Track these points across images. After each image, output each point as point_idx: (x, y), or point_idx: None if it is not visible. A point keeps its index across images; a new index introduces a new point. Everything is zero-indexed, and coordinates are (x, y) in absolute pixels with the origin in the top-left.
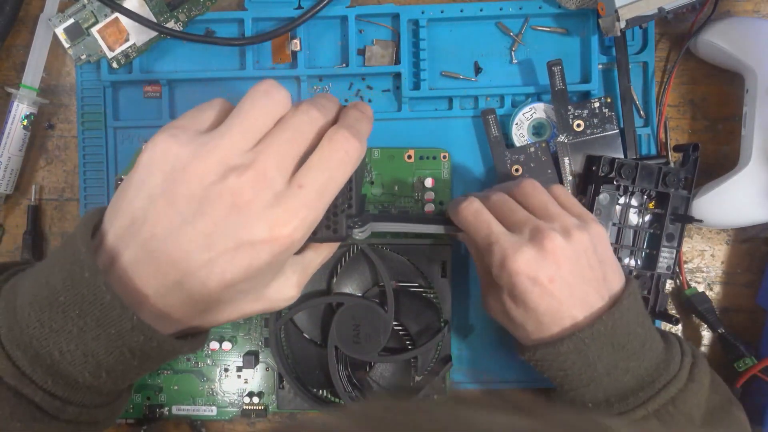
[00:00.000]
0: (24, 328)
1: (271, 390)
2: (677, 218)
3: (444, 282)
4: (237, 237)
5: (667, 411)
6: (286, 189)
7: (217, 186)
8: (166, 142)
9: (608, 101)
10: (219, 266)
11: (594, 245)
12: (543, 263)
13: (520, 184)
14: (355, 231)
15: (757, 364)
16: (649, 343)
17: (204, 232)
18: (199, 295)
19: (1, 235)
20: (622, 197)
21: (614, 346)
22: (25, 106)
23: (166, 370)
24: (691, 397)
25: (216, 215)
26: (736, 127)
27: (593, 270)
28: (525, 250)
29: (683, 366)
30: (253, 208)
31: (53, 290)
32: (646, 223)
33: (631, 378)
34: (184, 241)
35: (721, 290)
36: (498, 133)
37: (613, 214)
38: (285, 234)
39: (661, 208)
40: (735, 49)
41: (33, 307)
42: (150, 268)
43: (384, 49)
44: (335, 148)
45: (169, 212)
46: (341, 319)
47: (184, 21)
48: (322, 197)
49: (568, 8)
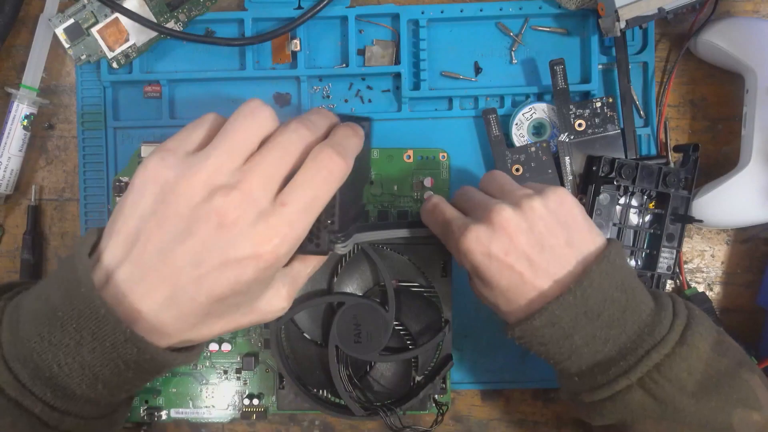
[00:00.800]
0: (25, 342)
1: (271, 391)
2: (677, 218)
3: (445, 281)
4: (223, 255)
5: (652, 379)
6: (271, 207)
7: (203, 206)
8: (155, 165)
9: (610, 101)
10: (208, 282)
11: (551, 210)
12: (494, 237)
13: (484, 175)
14: (338, 246)
15: (757, 364)
16: (633, 308)
17: (192, 250)
18: (190, 309)
19: (1, 235)
20: (623, 197)
21: (588, 315)
22: (25, 106)
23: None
24: (679, 363)
25: (203, 234)
26: (736, 127)
27: (554, 236)
28: (474, 227)
29: (672, 329)
30: (237, 227)
31: (52, 306)
32: (646, 224)
33: (613, 346)
34: (174, 259)
35: (721, 290)
36: (499, 133)
37: (613, 215)
38: (268, 251)
39: (662, 208)
40: (735, 49)
41: (34, 322)
42: (142, 285)
43: (384, 49)
44: (319, 167)
45: (160, 232)
46: (342, 318)
47: (184, 21)
48: (305, 215)
49: (568, 8)
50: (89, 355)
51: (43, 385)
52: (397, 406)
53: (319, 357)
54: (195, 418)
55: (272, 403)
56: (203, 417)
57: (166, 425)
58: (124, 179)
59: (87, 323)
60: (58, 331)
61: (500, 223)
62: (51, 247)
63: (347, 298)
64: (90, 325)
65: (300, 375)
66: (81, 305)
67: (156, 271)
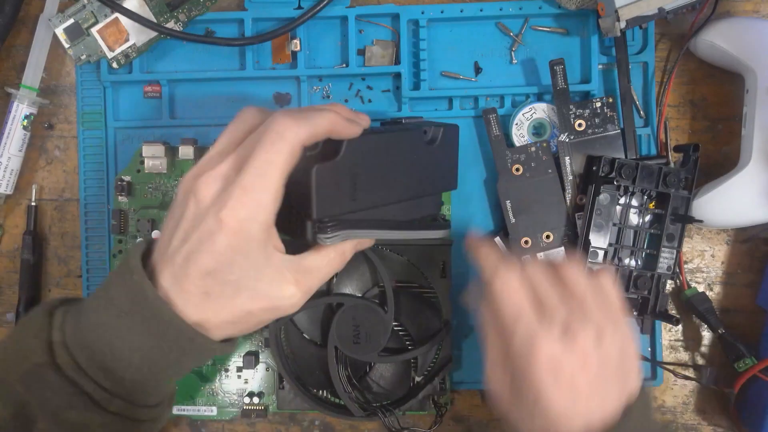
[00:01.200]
0: (84, 329)
1: (271, 390)
2: (677, 218)
3: (444, 282)
4: (198, 227)
5: None
6: (233, 178)
7: (189, 193)
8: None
9: (610, 101)
10: (193, 256)
11: (622, 350)
12: (570, 357)
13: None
14: (322, 237)
15: (757, 364)
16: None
17: (183, 230)
18: (188, 286)
19: (1, 235)
20: (623, 197)
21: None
22: (25, 106)
23: None
24: None
25: (189, 215)
26: (736, 127)
27: (618, 374)
28: (554, 340)
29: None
30: (207, 200)
31: (109, 296)
32: (646, 224)
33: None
34: (173, 240)
35: (722, 290)
36: (499, 132)
37: (613, 215)
38: (228, 215)
39: (662, 208)
40: (735, 49)
41: (93, 311)
42: (158, 265)
43: (384, 49)
44: (267, 129)
45: (170, 222)
46: (341, 319)
47: (184, 21)
48: (260, 179)
49: (568, 8)
50: (138, 338)
51: (96, 368)
52: (396, 407)
53: (318, 357)
54: (196, 416)
55: (272, 402)
56: (204, 414)
57: (167, 422)
58: (126, 178)
59: (137, 308)
60: (113, 318)
61: (582, 349)
62: (51, 247)
63: (346, 298)
64: (140, 309)
65: (299, 375)
66: (133, 290)
67: (163, 253)
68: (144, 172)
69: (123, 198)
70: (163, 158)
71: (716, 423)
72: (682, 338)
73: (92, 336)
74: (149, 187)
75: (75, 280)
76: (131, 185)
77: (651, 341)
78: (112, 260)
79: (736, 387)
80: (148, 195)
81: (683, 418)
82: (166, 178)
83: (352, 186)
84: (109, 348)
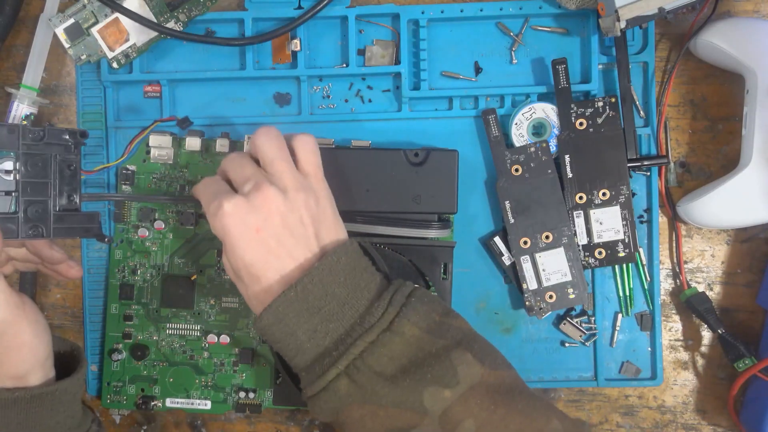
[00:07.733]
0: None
1: (266, 385)
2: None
3: (445, 282)
4: None
5: (356, 366)
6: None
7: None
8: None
9: (612, 101)
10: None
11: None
12: (253, 213)
13: (254, 134)
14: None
15: (757, 364)
16: (352, 302)
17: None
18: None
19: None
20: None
21: (310, 310)
22: (25, 106)
23: (161, 362)
24: (381, 349)
25: None
26: (736, 127)
27: (305, 227)
28: (236, 199)
29: (382, 318)
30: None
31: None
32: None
33: (331, 339)
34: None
35: (721, 290)
36: (498, 133)
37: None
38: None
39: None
40: (735, 49)
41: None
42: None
43: (384, 49)
44: None
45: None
46: None
47: (184, 21)
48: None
49: (568, 8)
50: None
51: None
52: None
53: None
54: (190, 409)
55: (267, 398)
56: (198, 408)
57: (167, 422)
58: (131, 167)
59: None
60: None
61: (263, 203)
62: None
63: None
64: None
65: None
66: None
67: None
68: (149, 162)
69: (126, 187)
70: (170, 149)
71: (716, 423)
72: (682, 338)
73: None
74: (154, 177)
75: (75, 280)
76: (135, 174)
77: (651, 341)
78: (113, 260)
79: (735, 387)
80: (152, 185)
81: (683, 417)
82: (171, 168)
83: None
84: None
